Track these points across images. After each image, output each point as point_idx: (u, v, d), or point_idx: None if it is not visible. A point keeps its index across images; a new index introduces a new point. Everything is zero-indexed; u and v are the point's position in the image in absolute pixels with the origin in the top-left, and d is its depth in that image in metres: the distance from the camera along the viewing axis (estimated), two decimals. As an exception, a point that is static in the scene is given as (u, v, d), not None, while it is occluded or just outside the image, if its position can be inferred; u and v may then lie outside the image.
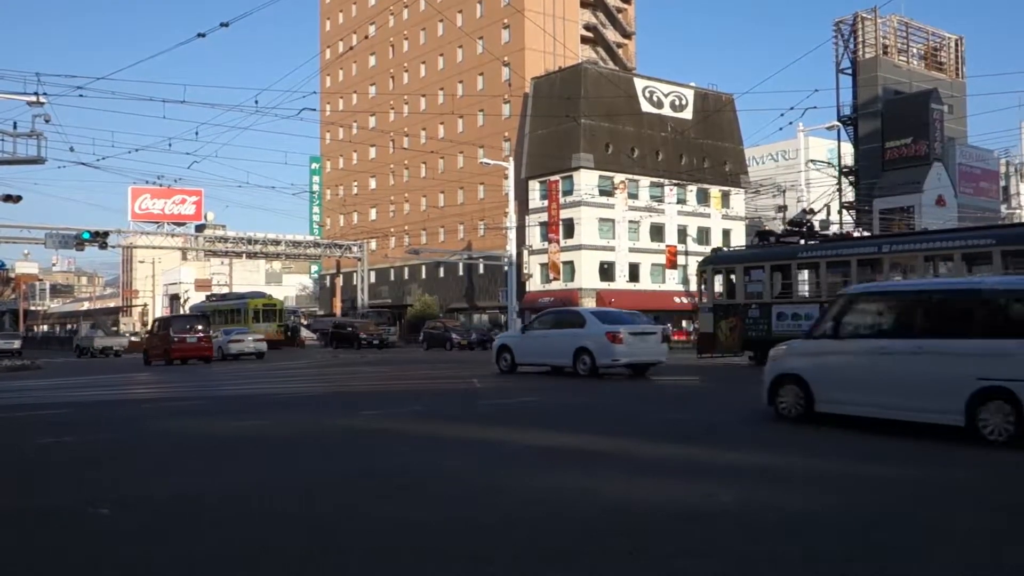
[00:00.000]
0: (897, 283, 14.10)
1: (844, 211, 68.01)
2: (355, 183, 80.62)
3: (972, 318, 8.59)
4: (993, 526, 5.38)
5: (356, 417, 11.58)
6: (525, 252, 55.18)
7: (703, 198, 61.70)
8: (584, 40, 68.39)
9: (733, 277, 23.71)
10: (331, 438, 9.69)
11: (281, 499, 6.25)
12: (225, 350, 34.80)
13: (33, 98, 25.40)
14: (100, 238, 43.68)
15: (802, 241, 24.47)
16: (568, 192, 56.85)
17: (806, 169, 49.75)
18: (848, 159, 69.02)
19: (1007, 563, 4.61)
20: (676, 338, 54.77)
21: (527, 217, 58.26)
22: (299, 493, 6.43)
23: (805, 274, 22.90)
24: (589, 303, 51.03)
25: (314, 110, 55.67)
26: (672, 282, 58.43)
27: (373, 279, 70.47)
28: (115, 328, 59.00)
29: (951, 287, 9.87)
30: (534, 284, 57.47)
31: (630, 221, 58.02)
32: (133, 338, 50.48)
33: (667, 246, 57.31)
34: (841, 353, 9.58)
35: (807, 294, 22.74)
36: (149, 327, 35.32)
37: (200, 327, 32.07)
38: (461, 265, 64.21)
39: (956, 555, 4.69)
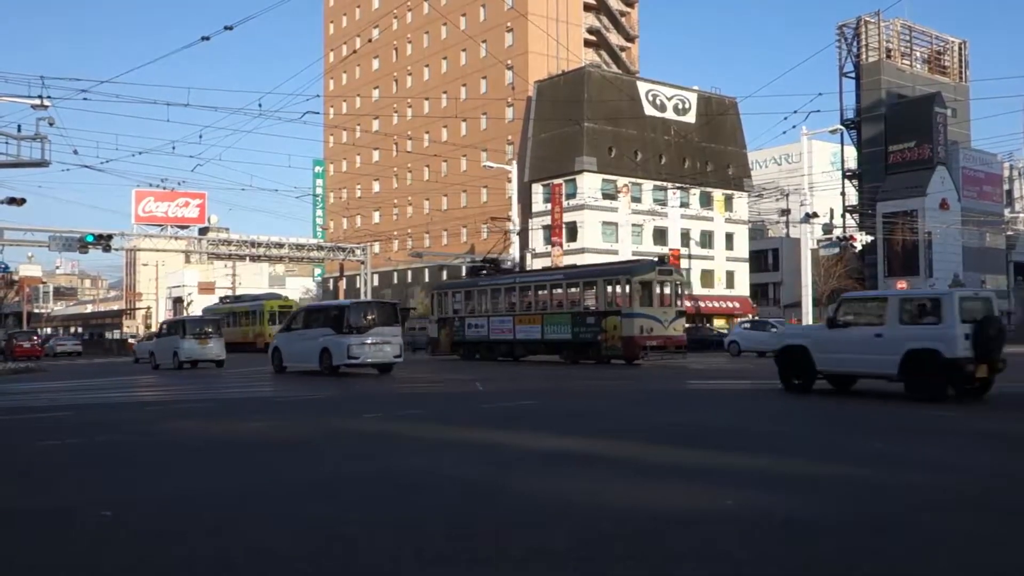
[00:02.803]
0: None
1: (848, 215, 68.05)
2: (358, 186, 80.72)
3: None
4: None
5: (358, 420, 11.59)
6: (528, 255, 55.16)
7: (706, 201, 61.65)
8: (587, 44, 68.44)
9: (447, 299, 33.74)
10: (333, 441, 9.69)
11: (283, 502, 6.25)
12: (53, 351, 50.18)
13: (37, 101, 25.44)
14: (104, 241, 43.69)
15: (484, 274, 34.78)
16: (571, 195, 56.85)
17: (810, 173, 49.77)
18: (851, 163, 68.96)
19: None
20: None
21: (530, 220, 58.26)
22: (301, 496, 6.43)
23: (485, 297, 31.82)
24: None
25: (317, 113, 55.97)
26: (675, 285, 58.41)
27: (376, 282, 70.48)
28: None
29: None
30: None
31: (633, 224, 57.99)
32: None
33: (670, 250, 57.29)
34: None
35: (482, 310, 31.65)
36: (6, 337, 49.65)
37: (35, 337, 48.50)
38: (464, 268, 64.19)
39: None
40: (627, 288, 25.64)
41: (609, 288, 26.66)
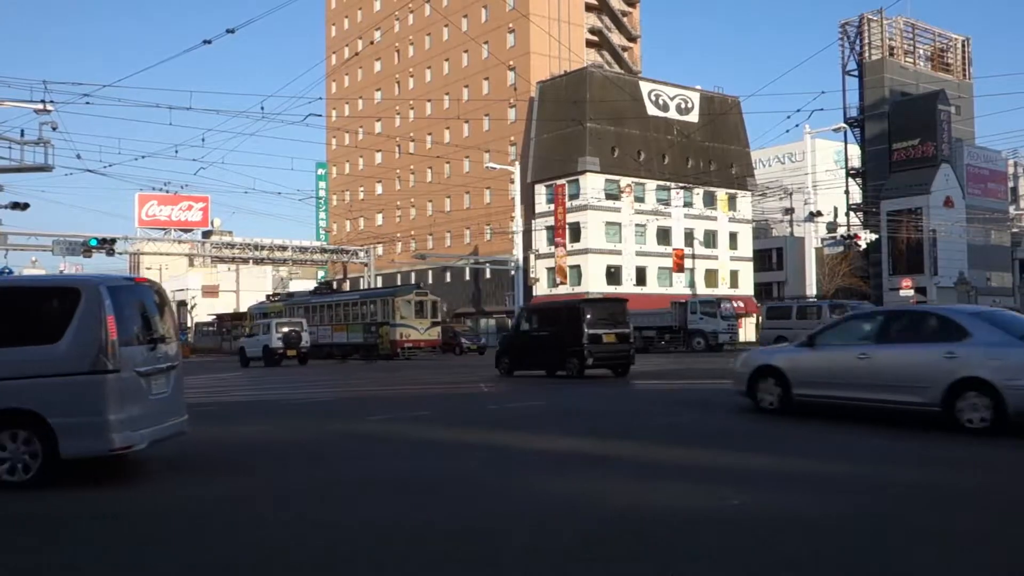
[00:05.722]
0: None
1: (852, 213, 67.99)
2: (361, 188, 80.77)
3: None
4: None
5: (364, 422, 11.56)
6: (532, 256, 55.08)
7: (710, 201, 61.57)
8: (589, 44, 68.39)
9: (295, 312, 41.03)
10: (337, 443, 9.66)
11: (289, 504, 6.22)
12: None
13: (40, 106, 25.52)
14: (107, 245, 43.78)
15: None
16: (574, 196, 56.77)
17: (813, 171, 49.64)
18: (855, 161, 68.88)
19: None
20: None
21: (533, 221, 58.20)
22: (307, 497, 6.40)
23: (318, 311, 41.50)
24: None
25: (320, 116, 55.92)
26: (679, 285, 58.27)
27: (380, 284, 70.50)
28: None
29: None
30: (541, 288, 57.41)
31: (637, 224, 57.88)
32: None
33: (674, 249, 57.15)
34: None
35: (314, 321, 39.94)
36: None
37: None
38: (468, 270, 64.19)
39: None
40: (392, 306, 36.51)
41: (385, 306, 37.16)
